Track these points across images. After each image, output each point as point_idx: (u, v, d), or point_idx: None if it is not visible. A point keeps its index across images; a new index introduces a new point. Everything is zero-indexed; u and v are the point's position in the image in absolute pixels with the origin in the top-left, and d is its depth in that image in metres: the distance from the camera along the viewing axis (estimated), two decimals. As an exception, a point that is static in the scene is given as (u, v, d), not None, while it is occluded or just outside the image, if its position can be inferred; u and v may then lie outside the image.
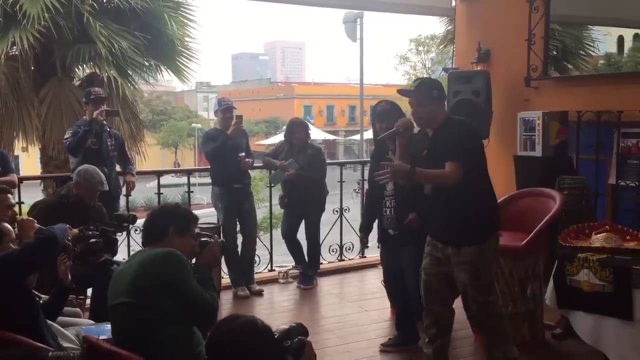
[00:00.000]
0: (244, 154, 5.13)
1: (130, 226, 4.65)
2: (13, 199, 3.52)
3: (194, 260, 2.77)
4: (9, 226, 2.81)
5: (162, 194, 5.52)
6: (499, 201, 4.28)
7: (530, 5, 5.23)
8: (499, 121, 5.52)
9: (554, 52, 5.60)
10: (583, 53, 5.85)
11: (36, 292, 2.91)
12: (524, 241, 3.79)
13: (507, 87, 5.57)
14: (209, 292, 2.62)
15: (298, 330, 2.27)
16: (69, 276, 3.06)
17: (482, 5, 5.98)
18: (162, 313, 2.46)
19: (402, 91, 3.38)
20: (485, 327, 3.31)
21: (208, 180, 5.65)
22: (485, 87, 5.40)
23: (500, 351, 3.26)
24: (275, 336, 2.15)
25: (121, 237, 4.52)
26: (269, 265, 5.85)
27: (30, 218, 3.52)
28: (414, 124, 3.32)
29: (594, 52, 5.72)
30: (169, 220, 2.70)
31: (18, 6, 6.66)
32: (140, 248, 2.85)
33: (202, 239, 2.84)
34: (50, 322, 2.81)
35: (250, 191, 5.36)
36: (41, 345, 2.46)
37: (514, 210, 4.20)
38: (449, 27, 9.70)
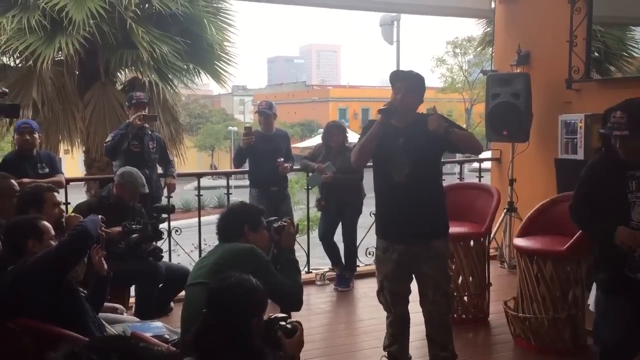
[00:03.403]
0: (282, 159, 5.18)
1: (172, 224, 4.77)
2: (59, 197, 3.61)
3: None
4: (47, 224, 2.89)
5: (202, 195, 5.62)
6: (540, 205, 4.25)
7: (572, 6, 5.16)
8: (539, 124, 5.46)
9: (596, 54, 5.51)
10: (626, 54, 5.74)
11: (81, 289, 2.98)
12: (566, 245, 3.74)
13: (548, 89, 5.49)
14: (292, 276, 2.81)
15: (294, 322, 2.33)
16: (105, 266, 3.12)
17: (523, 6, 5.92)
18: None
19: (401, 72, 3.35)
20: (444, 324, 3.34)
21: (243, 182, 5.72)
22: (525, 89, 5.35)
23: (451, 349, 3.33)
24: (273, 316, 2.24)
25: (163, 242, 4.62)
26: (306, 267, 5.87)
27: (77, 215, 3.63)
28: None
29: (637, 53, 5.60)
30: (242, 220, 2.86)
31: (64, 13, 6.88)
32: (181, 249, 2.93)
33: (276, 225, 2.97)
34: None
35: (287, 193, 5.41)
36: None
37: (556, 214, 4.13)
38: (487, 29, 9.60)
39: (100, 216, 3.14)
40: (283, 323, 2.24)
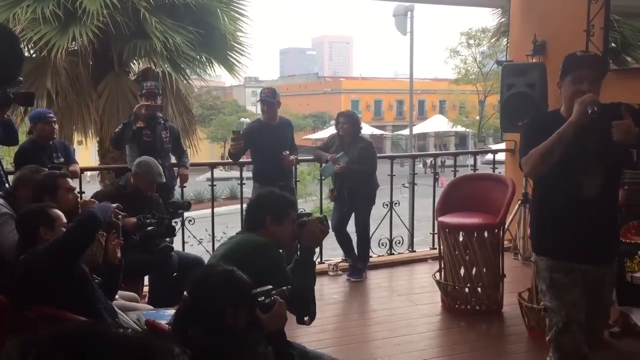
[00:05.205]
0: (287, 152, 5.00)
1: (185, 214, 4.78)
2: (72, 183, 3.61)
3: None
4: (58, 211, 2.90)
5: (215, 185, 5.63)
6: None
7: (589, -5, 5.08)
8: (555, 114, 5.40)
9: (613, 44, 5.43)
10: (644, 45, 5.66)
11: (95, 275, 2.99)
12: (582, 237, 3.69)
13: (564, 79, 5.42)
14: (303, 279, 2.62)
15: (280, 293, 2.23)
16: (119, 254, 3.09)
17: (539, -5, 5.85)
18: None
19: (582, 57, 2.68)
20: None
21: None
22: (540, 79, 5.30)
23: None
24: (255, 291, 2.14)
25: (177, 229, 4.62)
26: (319, 258, 5.87)
27: (92, 199, 3.65)
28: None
29: (655, 43, 5.52)
30: (265, 210, 2.69)
31: (78, 3, 6.89)
32: (194, 239, 2.86)
33: (301, 220, 2.74)
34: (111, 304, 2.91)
35: (293, 187, 5.22)
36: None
37: (571, 205, 4.09)
38: (502, 20, 9.50)
39: (116, 204, 3.14)
40: (262, 298, 2.14)
